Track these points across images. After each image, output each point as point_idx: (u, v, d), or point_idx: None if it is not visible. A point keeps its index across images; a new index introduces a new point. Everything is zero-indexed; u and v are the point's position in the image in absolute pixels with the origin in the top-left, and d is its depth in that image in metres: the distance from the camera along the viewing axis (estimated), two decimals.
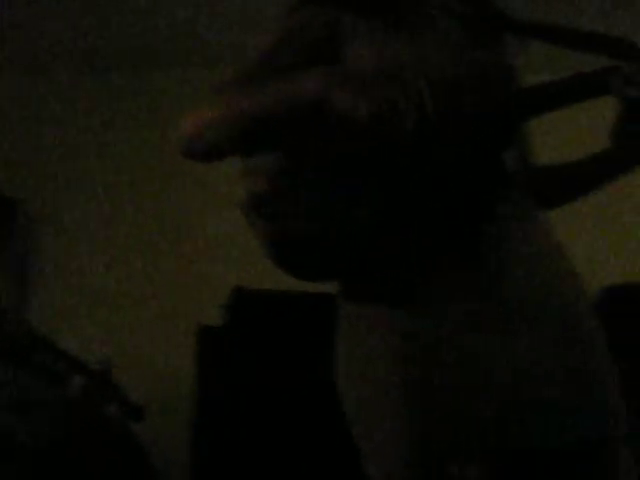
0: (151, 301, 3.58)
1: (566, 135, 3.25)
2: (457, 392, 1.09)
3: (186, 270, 3.60)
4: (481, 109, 1.09)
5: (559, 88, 1.12)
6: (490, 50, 1.23)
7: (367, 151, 1.08)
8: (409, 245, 1.10)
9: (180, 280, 3.59)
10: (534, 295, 1.12)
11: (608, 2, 2.97)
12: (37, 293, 2.68)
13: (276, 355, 2.90)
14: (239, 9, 3.30)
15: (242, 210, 1.14)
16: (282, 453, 2.79)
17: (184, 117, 1.16)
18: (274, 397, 2.84)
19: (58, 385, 2.34)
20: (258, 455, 2.79)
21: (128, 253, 3.66)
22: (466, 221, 1.12)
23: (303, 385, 2.80)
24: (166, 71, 3.76)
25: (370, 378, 1.14)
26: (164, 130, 3.38)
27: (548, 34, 1.24)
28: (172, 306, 3.53)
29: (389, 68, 1.13)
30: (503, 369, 1.08)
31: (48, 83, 3.79)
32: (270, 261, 1.14)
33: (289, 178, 1.13)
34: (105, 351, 2.86)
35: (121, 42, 3.63)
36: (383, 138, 1.05)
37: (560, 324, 1.12)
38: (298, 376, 2.83)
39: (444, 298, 1.11)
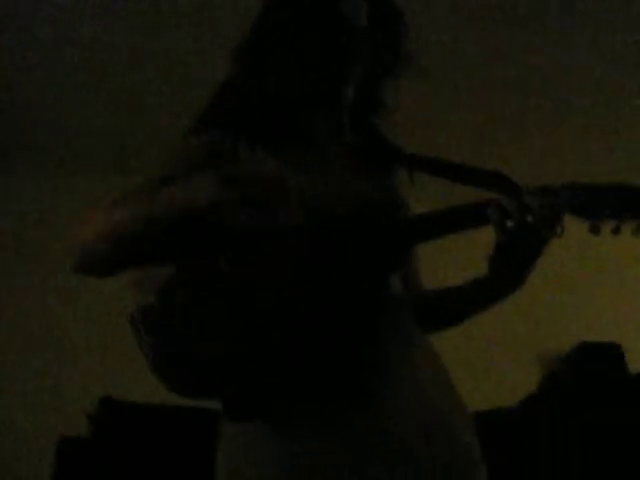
0: (12, 410, 3.39)
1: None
2: None
3: (53, 377, 3.44)
4: (364, 237, 1.13)
5: (440, 218, 1.17)
6: (377, 180, 1.28)
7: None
8: (290, 369, 1.10)
9: (46, 388, 3.42)
10: (416, 427, 1.12)
11: None
12: None
13: (141, 470, 2.76)
14: None
15: (130, 323, 1.12)
16: None
17: (76, 230, 1.15)
18: None
19: None
20: None
21: None
22: (347, 346, 1.12)
23: None
24: None
25: None
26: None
27: (432, 167, 1.30)
28: (34, 415, 3.34)
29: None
30: None
31: None
32: (144, 373, 1.11)
33: (177, 294, 1.12)
34: None
35: None
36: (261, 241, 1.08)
37: (441, 459, 1.12)
38: None
39: (322, 423, 1.10)
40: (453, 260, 3.36)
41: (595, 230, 1.09)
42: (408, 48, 1.33)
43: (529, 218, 1.10)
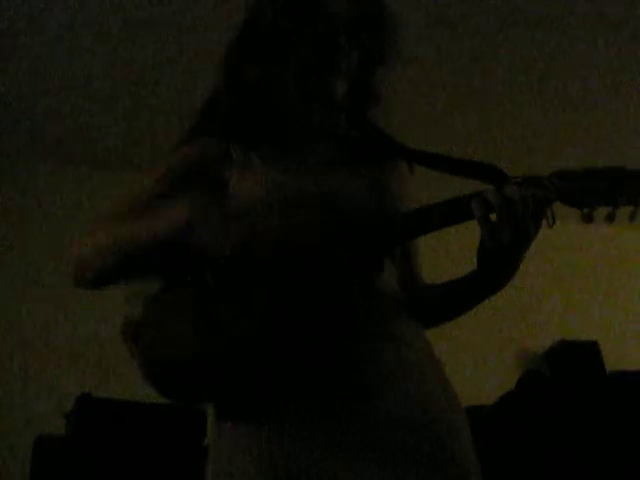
0: None
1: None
2: None
3: (30, 375, 3.40)
4: (349, 238, 1.14)
5: (425, 215, 1.15)
6: (370, 176, 1.27)
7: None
8: (276, 371, 1.11)
9: (22, 386, 3.38)
10: (411, 426, 1.11)
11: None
12: None
13: (119, 468, 2.74)
14: None
15: (122, 335, 1.14)
16: None
17: (73, 244, 1.24)
18: None
19: None
20: None
21: None
22: (336, 340, 1.13)
23: None
24: None
25: None
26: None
27: (425, 159, 1.29)
28: (10, 414, 3.30)
29: (262, 202, 1.19)
30: None
31: None
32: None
33: (163, 306, 1.15)
34: None
35: None
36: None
37: (438, 457, 1.10)
38: None
39: (311, 420, 1.09)
40: (458, 253, 3.38)
41: (587, 219, 1.06)
42: (394, 36, 1.32)
43: (514, 210, 1.07)
